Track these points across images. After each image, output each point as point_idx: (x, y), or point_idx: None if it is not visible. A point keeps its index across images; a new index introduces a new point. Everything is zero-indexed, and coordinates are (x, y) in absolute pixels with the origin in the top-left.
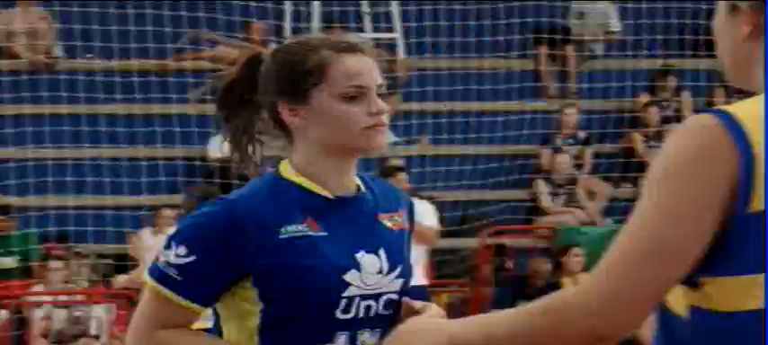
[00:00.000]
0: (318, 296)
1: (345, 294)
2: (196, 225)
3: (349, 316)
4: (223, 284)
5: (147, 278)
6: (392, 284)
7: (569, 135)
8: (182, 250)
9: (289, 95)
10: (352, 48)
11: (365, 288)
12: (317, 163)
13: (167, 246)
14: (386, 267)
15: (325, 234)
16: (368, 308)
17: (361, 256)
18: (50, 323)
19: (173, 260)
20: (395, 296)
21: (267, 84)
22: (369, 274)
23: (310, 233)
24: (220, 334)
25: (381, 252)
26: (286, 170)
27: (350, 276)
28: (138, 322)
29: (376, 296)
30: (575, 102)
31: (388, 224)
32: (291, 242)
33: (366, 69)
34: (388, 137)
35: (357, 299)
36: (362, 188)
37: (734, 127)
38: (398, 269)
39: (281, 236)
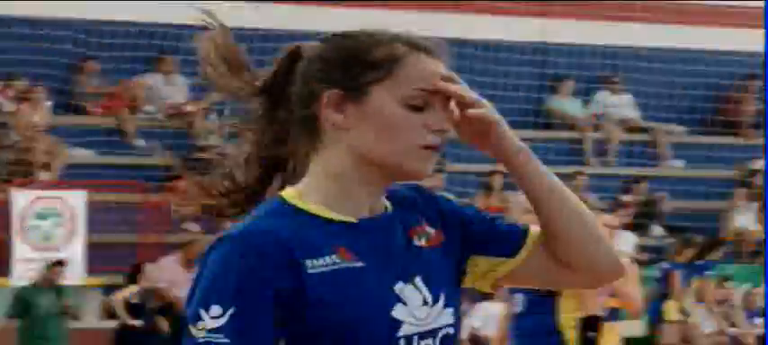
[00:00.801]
0: (370, 341)
1: (401, 333)
2: (215, 273)
3: None
4: (272, 333)
5: None
6: (444, 315)
7: None
8: (215, 309)
9: (341, 86)
10: (431, 51)
11: (420, 324)
12: (346, 177)
13: (195, 317)
14: (429, 297)
15: (361, 264)
16: None
17: (401, 288)
18: None
19: (210, 324)
20: (451, 331)
21: (313, 69)
22: (416, 307)
23: (345, 264)
24: None
25: (418, 280)
26: (292, 197)
27: (398, 312)
28: None
29: (433, 333)
30: None
31: (420, 242)
32: (324, 277)
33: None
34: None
35: (415, 339)
36: (389, 206)
37: None
38: (443, 297)
39: (309, 271)
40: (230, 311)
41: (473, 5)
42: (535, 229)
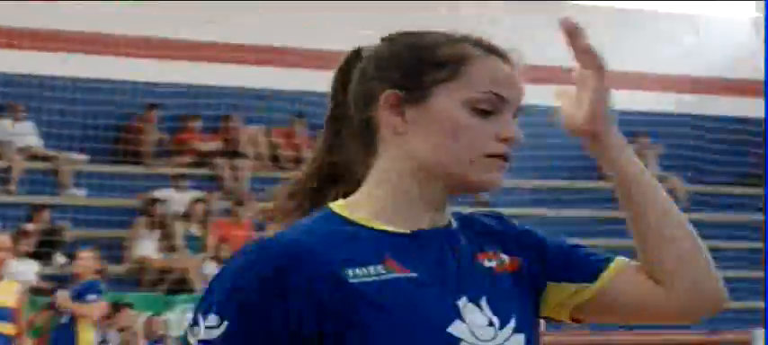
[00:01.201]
0: None
1: None
2: (224, 281)
3: None
4: None
5: None
6: (513, 340)
7: None
8: (212, 319)
9: (401, 86)
10: (504, 55)
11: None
12: (403, 186)
13: (193, 321)
14: (495, 319)
15: (414, 275)
16: None
17: (464, 304)
18: None
19: (203, 335)
20: None
21: (372, 68)
22: (478, 326)
23: (394, 275)
24: None
25: (483, 300)
26: (340, 207)
27: (456, 328)
28: None
29: None
30: None
31: (491, 265)
32: (370, 287)
33: (514, 82)
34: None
35: None
36: (454, 223)
37: None
38: (514, 321)
39: (351, 281)
40: (225, 324)
41: None
42: (620, 258)
